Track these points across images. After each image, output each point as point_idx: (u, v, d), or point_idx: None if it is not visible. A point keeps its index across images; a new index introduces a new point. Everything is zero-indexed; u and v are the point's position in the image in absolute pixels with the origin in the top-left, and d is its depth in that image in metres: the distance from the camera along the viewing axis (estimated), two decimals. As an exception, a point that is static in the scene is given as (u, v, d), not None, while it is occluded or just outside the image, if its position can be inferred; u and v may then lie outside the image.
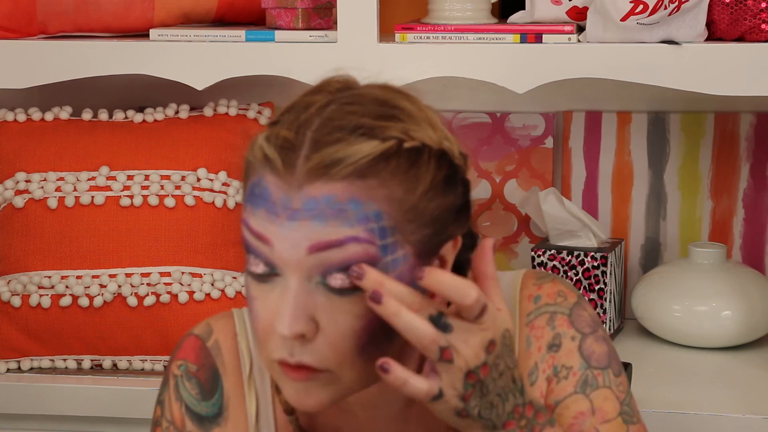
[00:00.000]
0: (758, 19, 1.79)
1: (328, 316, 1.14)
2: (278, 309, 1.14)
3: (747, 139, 2.11)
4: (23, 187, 1.96)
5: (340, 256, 1.12)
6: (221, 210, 1.97)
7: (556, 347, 1.29)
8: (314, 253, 1.12)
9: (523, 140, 2.16)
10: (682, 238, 2.14)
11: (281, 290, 1.15)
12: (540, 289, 1.32)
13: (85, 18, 1.98)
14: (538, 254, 2.04)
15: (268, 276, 1.15)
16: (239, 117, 2.04)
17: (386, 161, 1.13)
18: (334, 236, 1.12)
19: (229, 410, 1.31)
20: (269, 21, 1.96)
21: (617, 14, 1.77)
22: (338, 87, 1.19)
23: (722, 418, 1.73)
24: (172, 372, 1.32)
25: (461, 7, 1.90)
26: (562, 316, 1.30)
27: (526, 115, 2.15)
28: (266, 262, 1.15)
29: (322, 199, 1.12)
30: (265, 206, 1.14)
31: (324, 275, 1.13)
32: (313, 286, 1.14)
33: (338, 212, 1.12)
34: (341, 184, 1.12)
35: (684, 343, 2.00)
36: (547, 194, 2.05)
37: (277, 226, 1.13)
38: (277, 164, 1.13)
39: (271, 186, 1.13)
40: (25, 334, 1.93)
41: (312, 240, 1.12)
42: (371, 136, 1.13)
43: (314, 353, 1.14)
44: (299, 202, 1.12)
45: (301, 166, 1.12)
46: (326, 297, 1.14)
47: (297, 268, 1.13)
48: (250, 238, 1.15)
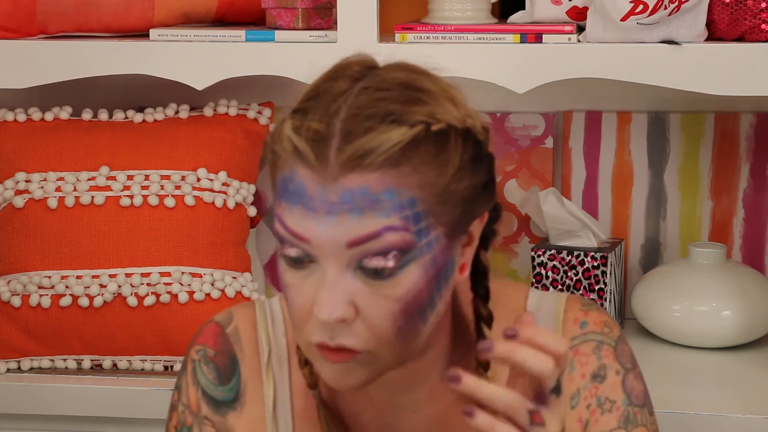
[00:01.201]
0: (758, 19, 1.79)
1: (367, 300, 1.15)
2: (317, 295, 1.15)
3: (747, 139, 2.11)
4: (23, 187, 1.96)
5: (377, 245, 1.14)
6: (221, 210, 1.97)
7: (600, 378, 1.31)
8: (352, 248, 1.14)
9: (523, 140, 2.16)
10: (682, 238, 2.14)
11: (318, 277, 1.16)
12: (586, 315, 1.33)
13: (85, 18, 1.98)
14: (538, 254, 2.04)
15: (303, 262, 1.16)
16: (239, 117, 2.04)
17: (416, 147, 1.14)
18: (371, 228, 1.13)
19: (246, 396, 1.32)
20: (269, 21, 1.96)
21: (617, 14, 1.77)
22: (358, 70, 1.20)
23: (722, 418, 1.73)
24: (190, 357, 1.34)
25: (461, 7, 1.90)
26: (608, 348, 1.32)
27: (526, 115, 2.15)
28: (304, 255, 1.16)
29: (358, 191, 1.12)
30: (301, 203, 1.14)
31: (361, 261, 1.14)
32: (351, 272, 1.15)
33: (374, 203, 1.13)
34: (375, 174, 1.13)
35: (684, 343, 2.00)
36: (547, 194, 2.05)
37: (316, 222, 1.14)
38: (310, 157, 1.13)
39: (305, 180, 1.14)
40: (25, 334, 1.93)
41: (351, 235, 1.13)
42: (400, 122, 1.14)
43: (354, 336, 1.16)
44: (335, 195, 1.13)
45: (333, 158, 1.13)
46: (364, 281, 1.15)
47: (336, 259, 1.14)
48: (285, 234, 1.16)
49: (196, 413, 1.33)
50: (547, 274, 2.03)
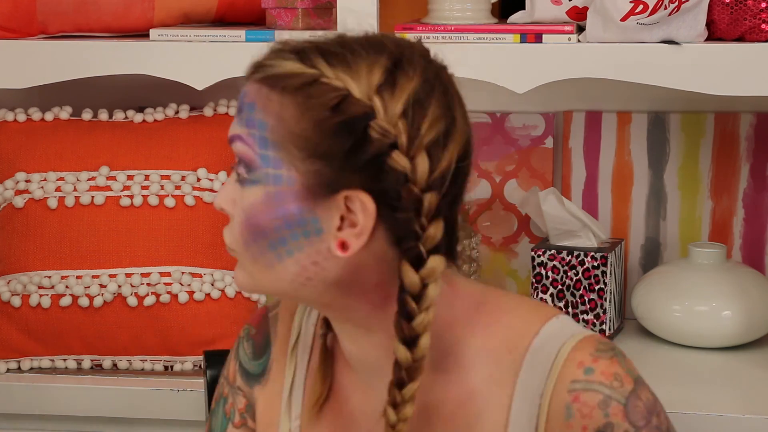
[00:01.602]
0: (758, 19, 1.79)
1: (237, 203, 1.27)
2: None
3: (747, 139, 2.11)
4: (23, 187, 1.96)
5: (234, 150, 1.27)
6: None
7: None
8: (230, 144, 1.28)
9: (523, 140, 2.16)
10: (682, 238, 2.14)
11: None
12: (595, 362, 1.25)
13: (85, 18, 1.98)
14: (538, 254, 2.04)
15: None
16: (239, 117, 2.04)
17: (295, 82, 1.22)
18: (232, 131, 1.27)
19: (271, 373, 1.42)
20: (269, 21, 1.96)
21: (617, 14, 1.77)
22: (387, 40, 1.27)
23: (722, 418, 1.73)
24: (239, 334, 1.47)
25: (461, 7, 1.90)
26: (617, 405, 1.24)
27: (526, 115, 2.15)
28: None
29: (243, 95, 1.27)
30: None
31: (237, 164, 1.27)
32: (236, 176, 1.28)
33: (240, 109, 1.27)
34: (254, 86, 1.26)
35: (684, 343, 2.00)
36: (547, 194, 2.05)
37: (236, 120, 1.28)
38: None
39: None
40: (25, 334, 1.93)
41: (230, 131, 1.28)
42: (300, 60, 1.23)
43: (228, 232, 1.29)
44: (240, 97, 1.28)
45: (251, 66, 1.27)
46: (237, 186, 1.27)
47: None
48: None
49: (232, 384, 1.45)
50: (547, 274, 2.03)
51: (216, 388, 1.51)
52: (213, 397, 1.51)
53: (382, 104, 1.21)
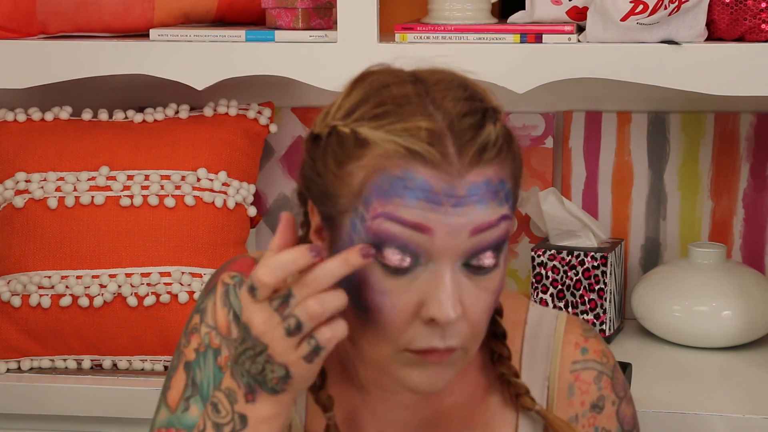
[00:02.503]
0: (758, 19, 1.79)
1: (472, 296, 1.19)
2: (433, 296, 1.17)
3: (747, 139, 2.11)
4: (23, 187, 1.96)
5: (493, 235, 1.18)
6: (221, 210, 1.97)
7: (599, 409, 1.34)
8: (475, 235, 1.17)
9: (523, 140, 2.16)
10: (682, 238, 2.14)
11: (428, 277, 1.18)
12: (587, 342, 1.36)
13: (85, 18, 1.98)
14: (538, 254, 2.04)
15: (407, 269, 1.18)
16: (239, 117, 2.04)
17: (507, 137, 1.20)
18: (493, 217, 1.18)
19: None
20: (269, 21, 1.96)
21: (617, 14, 1.77)
22: (401, 76, 1.23)
23: (722, 418, 1.73)
24: (222, 281, 1.35)
25: (461, 7, 1.90)
26: (606, 378, 1.35)
27: (526, 115, 2.15)
28: (414, 254, 1.17)
29: (482, 183, 1.17)
30: (425, 197, 1.16)
31: (470, 257, 1.18)
32: (458, 269, 1.18)
33: (494, 194, 1.18)
34: (492, 167, 1.18)
35: (684, 343, 2.00)
36: (547, 194, 2.05)
37: (441, 215, 1.16)
38: (434, 156, 1.16)
39: (428, 178, 1.16)
40: (25, 334, 1.93)
41: (475, 223, 1.17)
42: (486, 117, 1.19)
43: (459, 334, 1.19)
44: (463, 190, 1.16)
45: (455, 155, 1.16)
46: (469, 278, 1.19)
47: (454, 253, 1.17)
48: (398, 230, 1.17)
49: (225, 335, 1.33)
50: (547, 274, 2.03)
51: (189, 338, 1.35)
52: (186, 348, 1.35)
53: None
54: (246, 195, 2.00)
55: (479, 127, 1.18)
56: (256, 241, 2.22)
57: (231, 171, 1.99)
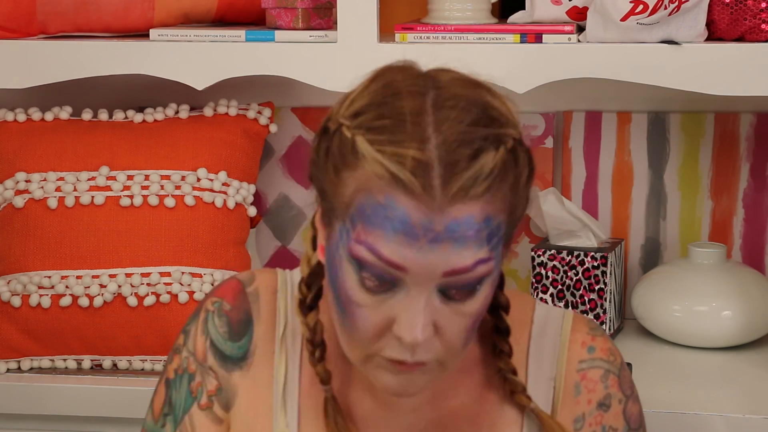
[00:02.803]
0: (758, 19, 1.79)
1: (446, 319, 1.18)
2: (402, 317, 1.17)
3: (747, 139, 2.11)
4: (23, 187, 1.96)
5: (467, 277, 1.16)
6: (221, 210, 1.97)
7: (606, 407, 1.34)
8: (448, 276, 1.15)
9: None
10: (682, 238, 2.14)
11: (401, 299, 1.17)
12: (594, 340, 1.36)
13: (85, 18, 1.98)
14: (538, 254, 2.04)
15: (384, 290, 1.18)
16: (239, 117, 2.04)
17: (504, 169, 1.16)
18: (468, 261, 1.15)
19: (255, 358, 1.33)
20: (269, 21, 1.96)
21: (617, 14, 1.77)
22: (413, 83, 1.19)
23: (722, 418, 1.73)
24: (205, 306, 1.35)
25: (461, 7, 1.90)
26: (613, 377, 1.35)
27: (526, 115, 2.15)
28: (390, 282, 1.17)
29: (463, 220, 1.14)
30: (403, 230, 1.13)
31: (446, 289, 1.17)
32: (436, 296, 1.18)
33: (475, 233, 1.14)
34: (478, 203, 1.14)
35: (684, 343, 2.00)
36: (547, 194, 2.05)
37: (416, 251, 1.14)
38: (415, 188, 1.13)
39: (408, 209, 1.13)
40: (25, 334, 1.93)
41: (448, 266, 1.15)
42: (485, 147, 1.15)
43: (430, 351, 1.19)
44: (441, 225, 1.13)
45: (439, 188, 1.13)
46: (446, 304, 1.18)
47: (428, 285, 1.16)
48: (377, 263, 1.16)
49: (202, 362, 1.34)
50: (547, 274, 2.03)
51: (173, 357, 1.36)
52: (170, 366, 1.37)
53: (520, 127, 1.25)
54: (246, 195, 2.00)
55: (472, 159, 1.13)
56: (256, 241, 2.22)
57: (231, 171, 1.99)
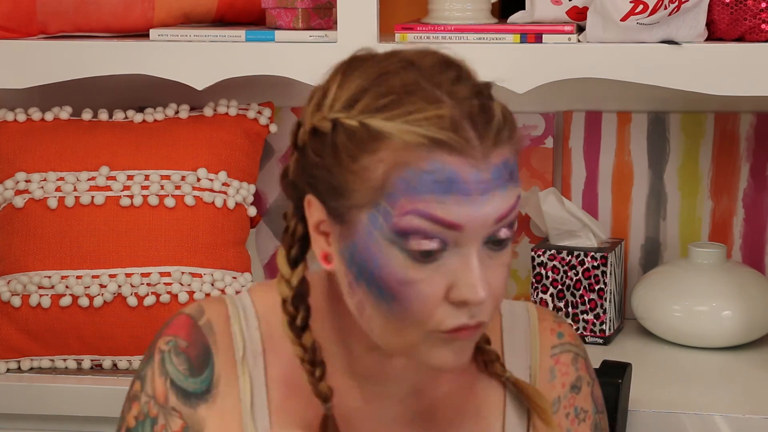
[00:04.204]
0: (758, 19, 1.79)
1: (493, 272, 1.19)
2: (463, 279, 1.17)
3: (747, 139, 2.11)
4: (23, 187, 1.96)
5: (510, 218, 1.19)
6: (221, 210, 1.97)
7: (577, 389, 1.37)
8: (500, 221, 1.18)
9: (523, 140, 2.15)
10: (682, 238, 2.14)
11: (455, 262, 1.17)
12: (561, 327, 1.38)
13: (85, 18, 1.98)
14: (538, 254, 2.04)
15: (434, 255, 1.17)
16: (239, 117, 2.04)
17: (505, 111, 1.20)
18: (513, 200, 1.18)
19: (219, 388, 1.31)
20: (269, 21, 1.96)
21: (617, 14, 1.77)
22: (391, 62, 1.22)
23: (722, 418, 1.73)
24: (158, 347, 1.32)
25: (461, 7, 1.90)
26: (582, 360, 1.38)
27: (526, 115, 2.15)
28: (442, 240, 1.17)
29: (502, 165, 1.17)
30: (456, 189, 1.15)
31: (491, 239, 1.18)
32: (483, 248, 1.19)
33: (510, 174, 1.18)
34: (507, 146, 1.18)
35: (684, 343, 2.00)
36: (547, 194, 2.05)
37: (470, 205, 1.16)
38: (456, 143, 1.15)
39: (455, 167, 1.15)
40: (25, 334, 1.93)
41: (499, 210, 1.17)
42: (484, 96, 1.19)
43: (485, 310, 1.20)
44: (488, 174, 1.16)
45: (476, 139, 1.15)
46: (490, 256, 1.19)
47: (481, 238, 1.18)
48: (433, 228, 1.16)
49: (163, 404, 1.31)
50: (547, 274, 2.03)
51: (131, 405, 1.33)
52: (128, 414, 1.33)
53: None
54: (246, 195, 2.00)
55: (488, 108, 1.18)
56: (256, 241, 2.22)
57: (231, 171, 1.99)
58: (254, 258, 2.17)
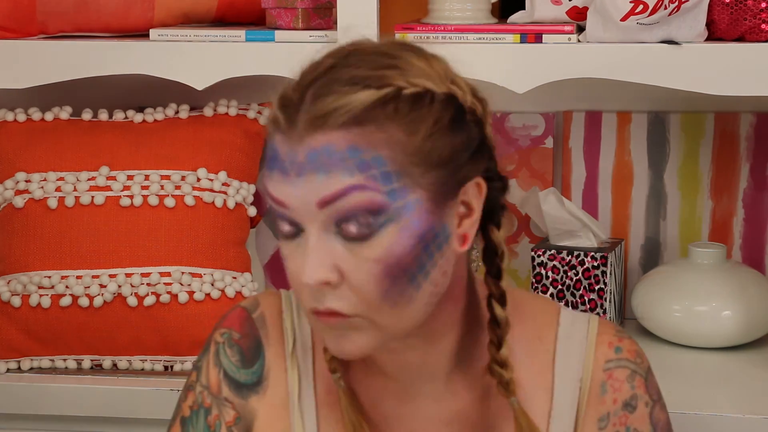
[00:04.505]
0: (758, 19, 1.79)
1: (349, 263, 1.18)
2: (300, 260, 1.20)
3: (747, 139, 2.11)
4: (23, 187, 1.96)
5: (345, 205, 1.17)
6: (221, 210, 1.97)
7: (632, 408, 1.34)
8: (324, 207, 1.17)
9: (523, 140, 2.16)
10: (682, 238, 2.14)
11: (303, 243, 1.19)
12: (621, 341, 1.36)
13: (85, 18, 1.98)
14: (538, 254, 2.04)
15: (294, 234, 1.20)
16: (239, 117, 2.04)
17: (383, 107, 1.17)
18: (337, 187, 1.16)
19: (269, 380, 1.35)
20: (269, 21, 1.96)
21: (617, 14, 1.77)
22: (349, 50, 1.24)
23: (722, 418, 1.73)
24: (214, 339, 1.37)
25: (461, 7, 1.90)
26: (640, 378, 1.35)
27: (526, 115, 2.15)
28: (290, 222, 1.20)
29: (322, 149, 1.16)
30: (277, 167, 1.18)
31: (338, 225, 1.18)
32: (332, 236, 1.18)
33: (338, 161, 1.16)
34: (338, 132, 1.16)
35: (684, 343, 2.00)
36: (547, 194, 2.05)
37: (289, 185, 1.17)
38: (281, 122, 1.19)
39: (278, 144, 1.19)
40: (25, 334, 1.93)
41: (319, 195, 1.17)
42: (367, 86, 1.18)
43: (341, 299, 1.19)
44: (303, 155, 1.17)
45: (302, 121, 1.17)
46: (344, 245, 1.18)
47: (313, 221, 1.18)
48: (271, 203, 1.20)
49: (216, 395, 1.35)
50: (547, 274, 2.03)
51: (186, 394, 1.38)
52: (184, 404, 1.38)
53: (458, 87, 1.24)
54: (246, 195, 2.00)
55: (339, 93, 1.17)
56: (256, 241, 2.22)
57: (231, 171, 1.99)
58: (254, 258, 2.18)
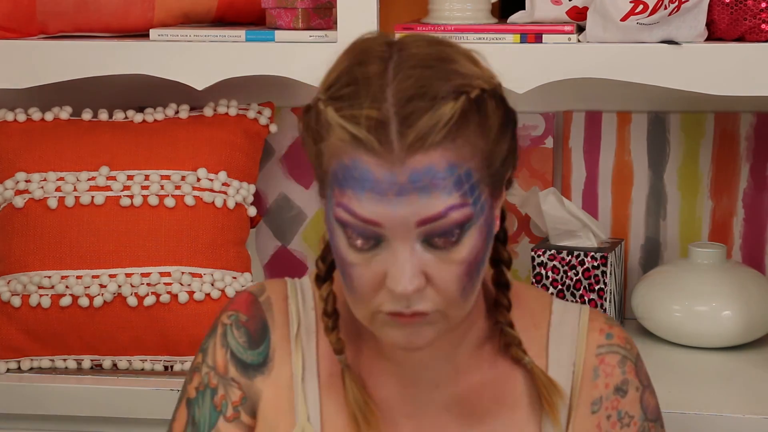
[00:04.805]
0: (758, 19, 1.79)
1: (435, 267, 1.22)
2: (390, 271, 1.22)
3: (747, 139, 2.11)
4: (23, 187, 1.96)
5: (442, 225, 1.20)
6: (221, 210, 1.97)
7: (623, 392, 1.38)
8: (422, 226, 1.20)
9: (523, 140, 2.16)
10: (682, 238, 2.14)
11: (388, 254, 1.22)
12: (611, 328, 1.41)
13: (85, 18, 1.98)
14: (538, 254, 2.04)
15: (370, 247, 1.22)
16: (239, 117, 2.04)
17: (464, 117, 1.20)
18: (438, 209, 1.19)
19: (275, 361, 1.39)
20: (269, 21, 1.96)
21: (617, 14, 1.77)
22: (383, 50, 1.24)
23: (722, 418, 1.73)
24: (221, 321, 1.41)
25: (461, 7, 1.90)
26: (630, 363, 1.40)
27: (526, 115, 2.15)
28: (373, 237, 1.22)
29: (425, 171, 1.18)
30: (370, 187, 1.19)
31: (427, 238, 1.21)
32: (420, 246, 1.22)
33: (439, 181, 1.19)
34: (437, 152, 1.19)
35: (684, 343, 2.00)
36: (547, 194, 2.05)
37: (385, 205, 1.19)
38: (373, 144, 1.18)
39: (371, 166, 1.19)
40: (25, 334, 1.93)
41: (419, 215, 1.19)
42: (445, 97, 1.19)
43: (426, 300, 1.23)
44: (404, 177, 1.18)
45: (397, 142, 1.18)
46: (431, 252, 1.22)
47: (406, 238, 1.20)
48: (355, 222, 1.21)
49: (223, 375, 1.39)
50: (547, 274, 2.03)
51: (192, 376, 1.41)
52: (190, 386, 1.41)
53: (497, 80, 1.27)
54: (246, 195, 2.00)
55: (428, 110, 1.18)
56: (256, 241, 2.22)
57: (231, 171, 1.99)
58: (254, 258, 2.18)
